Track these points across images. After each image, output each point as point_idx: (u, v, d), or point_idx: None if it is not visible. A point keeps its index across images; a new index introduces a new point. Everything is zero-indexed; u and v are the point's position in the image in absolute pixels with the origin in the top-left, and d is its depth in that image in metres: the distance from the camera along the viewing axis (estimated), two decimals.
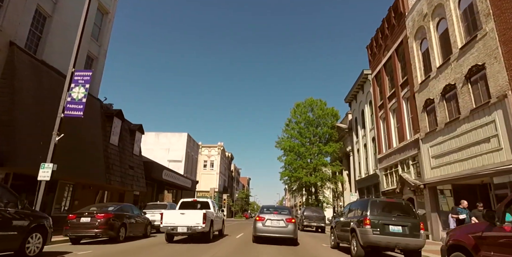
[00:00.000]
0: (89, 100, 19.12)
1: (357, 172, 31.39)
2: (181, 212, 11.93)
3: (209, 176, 68.85)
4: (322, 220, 23.55)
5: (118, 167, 20.23)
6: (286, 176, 36.26)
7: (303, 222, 23.51)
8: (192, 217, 11.48)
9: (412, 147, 18.90)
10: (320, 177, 34.11)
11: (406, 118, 20.46)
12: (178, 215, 11.77)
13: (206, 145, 71.62)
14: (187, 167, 42.93)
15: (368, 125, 27.86)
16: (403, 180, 19.34)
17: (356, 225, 8.77)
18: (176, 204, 32.44)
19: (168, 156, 41.17)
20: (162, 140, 42.10)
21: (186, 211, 11.97)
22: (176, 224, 11.49)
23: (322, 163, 34.35)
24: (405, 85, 20.38)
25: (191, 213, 11.70)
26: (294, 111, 38.89)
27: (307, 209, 24.53)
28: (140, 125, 24.47)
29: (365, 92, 28.45)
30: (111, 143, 20.01)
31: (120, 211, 11.67)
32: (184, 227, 11.34)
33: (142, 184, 23.55)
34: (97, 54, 20.17)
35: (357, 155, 31.66)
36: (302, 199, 69.45)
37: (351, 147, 33.87)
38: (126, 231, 11.67)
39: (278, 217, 11.88)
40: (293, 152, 36.02)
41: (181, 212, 11.93)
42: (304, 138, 36.48)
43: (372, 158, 26.84)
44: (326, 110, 37.33)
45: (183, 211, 12.00)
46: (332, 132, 36.02)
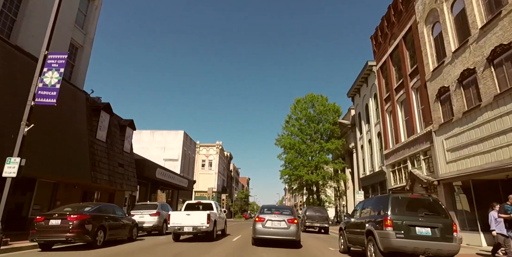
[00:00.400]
0: (74, 93, 17.71)
1: (361, 169, 29.93)
2: (186, 213, 12.70)
3: (208, 175, 67.37)
4: (326, 220, 22.08)
5: (105, 165, 18.73)
6: (287, 175, 34.78)
7: (305, 223, 22.04)
8: (197, 218, 12.29)
9: (423, 141, 17.45)
10: (322, 175, 32.62)
11: (416, 110, 19.00)
12: (184, 215, 12.51)
13: (204, 144, 70.14)
14: (184, 166, 41.43)
15: (372, 120, 26.40)
16: (413, 176, 17.88)
17: (373, 227, 7.31)
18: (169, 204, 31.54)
19: (164, 154, 39.68)
20: (157, 138, 40.60)
21: (192, 212, 12.77)
22: (182, 224, 12.27)
23: (324, 160, 32.85)
24: (414, 75, 18.93)
25: (196, 214, 12.50)
26: (295, 107, 37.42)
27: (310, 209, 23.05)
28: (131, 121, 22.95)
29: (370, 85, 26.99)
30: (98, 139, 18.52)
31: (98, 211, 10.18)
32: (190, 227, 12.18)
33: (134, 183, 22.05)
34: (82, 42, 18.67)
35: (361, 151, 30.20)
36: (303, 199, 67.99)
37: (354, 144, 32.41)
38: (106, 235, 10.17)
39: (279, 218, 11.18)
40: (294, 150, 34.55)
41: (186, 213, 12.70)
42: (305, 135, 35.00)
43: (378, 154, 25.39)
44: (327, 106, 35.87)
45: (188, 212, 12.77)
46: (334, 128, 34.55)
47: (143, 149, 39.43)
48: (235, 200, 79.32)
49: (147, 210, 15.69)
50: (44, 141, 14.09)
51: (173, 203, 36.41)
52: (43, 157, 13.86)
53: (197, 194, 65.10)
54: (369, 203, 8.72)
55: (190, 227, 12.12)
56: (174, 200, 37.08)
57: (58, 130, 15.24)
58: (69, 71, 18.01)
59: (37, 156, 13.46)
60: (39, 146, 13.66)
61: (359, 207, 9.44)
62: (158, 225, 15.45)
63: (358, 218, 8.88)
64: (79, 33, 18.51)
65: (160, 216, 15.75)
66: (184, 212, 12.93)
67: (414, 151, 18.48)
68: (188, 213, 12.60)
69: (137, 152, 31.51)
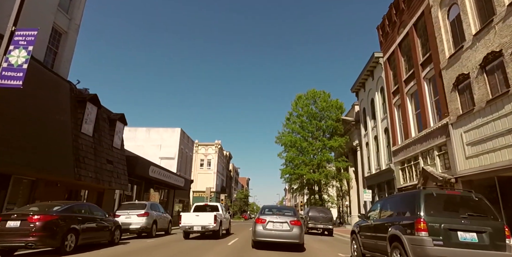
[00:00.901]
0: (56, 82, 16.23)
1: (366, 168, 28.44)
2: (196, 214, 13.97)
3: (206, 175, 65.90)
4: (330, 221, 20.60)
5: (92, 161, 17.24)
6: (287, 173, 33.26)
7: (308, 224, 20.57)
8: (205, 218, 13.68)
9: (438, 135, 15.97)
10: (325, 173, 31.10)
11: (429, 102, 17.53)
12: (194, 216, 13.83)
13: (203, 143, 68.69)
14: (181, 164, 39.94)
15: (379, 115, 24.92)
16: (426, 174, 16.40)
17: (400, 231, 5.83)
18: (165, 204, 29.99)
19: (160, 152, 38.19)
20: (153, 136, 39.11)
21: (200, 213, 14.06)
22: (192, 223, 13.60)
23: (327, 158, 31.33)
24: (427, 64, 17.46)
25: (204, 215, 13.85)
26: (296, 103, 35.95)
27: (313, 209, 21.57)
28: (122, 115, 21.44)
29: (376, 78, 25.52)
30: (83, 132, 17.02)
31: (68, 211, 8.69)
32: (199, 226, 13.56)
33: (124, 181, 20.55)
34: (66, 28, 17.20)
35: (365, 149, 28.72)
36: (303, 199, 66.46)
37: (358, 141, 30.92)
38: (78, 239, 8.68)
39: (281, 219, 10.45)
40: (295, 147, 33.06)
41: (196, 214, 13.97)
42: (307, 132, 33.51)
43: (385, 151, 23.90)
44: (330, 102, 34.41)
45: (197, 213, 14.08)
46: (337, 125, 33.06)
47: (138, 147, 37.96)
48: (234, 200, 77.86)
49: (134, 210, 14.21)
50: (21, 133, 12.62)
51: (169, 203, 34.94)
52: (18, 150, 12.39)
53: (195, 194, 63.63)
54: (391, 202, 7.22)
55: (199, 226, 13.57)
56: (170, 200, 35.58)
57: (37, 121, 13.76)
58: (52, 58, 16.54)
59: (11, 149, 12.00)
60: (13, 138, 12.20)
61: (376, 207, 7.95)
62: (146, 227, 13.96)
63: (376, 219, 7.40)
64: (63, 17, 17.03)
65: (149, 216, 14.27)
66: (194, 213, 14.23)
67: (427, 146, 17.00)
68: (197, 214, 13.93)
69: (132, 150, 30.09)
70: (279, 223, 10.33)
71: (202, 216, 13.76)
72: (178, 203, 40.66)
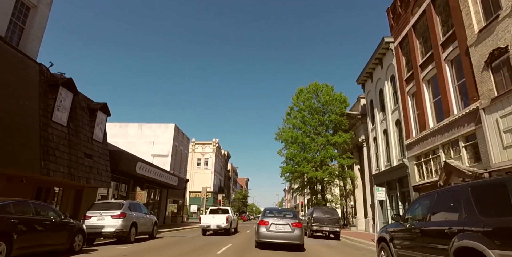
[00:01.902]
0: (21, 61, 13.86)
1: (373, 165, 26.24)
2: (212, 216, 17.86)
3: (203, 175, 63.67)
4: (337, 223, 18.41)
5: (65, 154, 15.00)
6: (288, 172, 31.01)
7: (312, 226, 18.38)
8: (219, 219, 17.51)
9: (464, 123, 13.78)
10: (328, 171, 28.86)
11: (451, 87, 15.34)
12: (210, 217, 17.69)
13: (200, 141, 66.49)
14: (175, 163, 37.70)
15: (389, 106, 22.73)
16: (450, 168, 14.20)
17: (482, 242, 3.62)
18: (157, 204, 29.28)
19: (153, 150, 35.97)
20: (145, 132, 36.89)
21: (215, 215, 17.95)
22: (209, 223, 17.43)
23: (331, 155, 29.07)
24: (449, 43, 15.28)
25: (218, 216, 17.71)
26: (297, 97, 33.74)
27: (317, 210, 19.36)
28: (104, 104, 19.17)
29: (385, 66, 23.33)
30: (55, 121, 14.78)
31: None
32: (214, 225, 17.38)
33: (106, 178, 18.31)
34: (36, 1, 14.98)
35: (373, 144, 26.52)
36: (304, 199, 64.19)
37: (364, 136, 28.73)
38: (12, 247, 6.46)
39: (283, 221, 11.07)
40: (296, 144, 30.85)
41: (212, 216, 17.86)
42: (309, 127, 31.31)
43: (396, 146, 21.70)
44: (333, 96, 32.21)
45: (213, 215, 17.97)
46: (342, 120, 30.85)
47: (129, 144, 35.75)
48: (232, 201, 75.55)
49: (108, 211, 11.98)
50: None
51: (161, 203, 32.73)
52: None
53: (192, 195, 61.41)
54: (445, 199, 4.97)
55: (215, 225, 17.40)
56: (163, 200, 33.36)
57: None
58: (17, 35, 14.33)
59: None
60: None
61: (416, 207, 5.73)
62: (122, 230, 11.72)
63: (421, 224, 5.18)
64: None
65: (127, 218, 12.04)
66: (210, 215, 18.17)
67: (450, 137, 14.80)
68: (213, 216, 17.86)
69: (123, 147, 27.97)
70: (282, 225, 10.94)
71: (217, 217, 17.83)
72: (172, 204, 38.44)
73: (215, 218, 17.68)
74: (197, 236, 17.65)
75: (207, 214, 18.75)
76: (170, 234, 19.13)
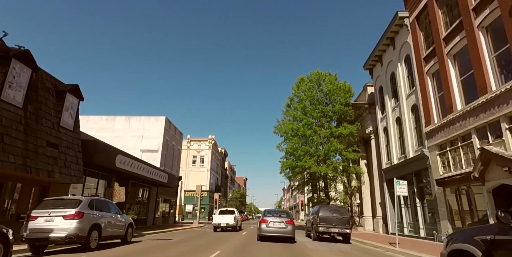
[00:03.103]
0: None
1: (383, 158, 23.61)
2: (222, 216, 22.31)
3: (199, 173, 60.97)
4: (347, 224, 15.74)
5: (19, 141, 12.27)
6: (288, 167, 28.33)
7: (317, 228, 15.70)
8: (228, 218, 22.01)
9: (507, 100, 11.15)
10: (333, 166, 26.18)
11: (488, 58, 12.70)
12: (221, 217, 22.16)
13: (195, 138, 63.78)
14: (166, 159, 35.00)
15: (402, 91, 20.11)
16: (489, 155, 11.58)
17: None
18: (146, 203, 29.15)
19: (142, 144, 33.26)
20: (134, 126, 34.15)
21: (224, 215, 22.38)
22: (220, 221, 21.91)
23: (336, 148, 26.38)
24: (484, 5, 12.63)
25: (227, 216, 22.21)
26: (297, 87, 31.08)
27: (323, 208, 16.68)
28: (75, 86, 16.29)
29: (398, 46, 20.69)
30: (5, 101, 12.03)
31: None
32: (224, 223, 21.82)
33: (77, 172, 15.58)
34: None
35: (383, 136, 23.89)
36: (305, 198, 61.54)
37: (372, 128, 26.12)
38: None
39: (279, 220, 14.36)
40: (297, 136, 28.19)
41: (222, 216, 22.31)
42: (311, 119, 28.65)
43: (413, 135, 19.06)
44: (337, 85, 29.56)
45: (223, 215, 22.38)
46: (347, 110, 28.21)
47: (116, 138, 33.05)
48: (229, 200, 72.84)
49: (60, 210, 9.25)
50: None
51: (150, 202, 30.02)
52: None
53: (187, 194, 58.70)
54: None
55: (224, 223, 21.61)
56: (153, 199, 30.65)
57: None
58: None
59: None
60: None
61: None
62: (77, 235, 8.96)
63: None
64: None
65: (85, 219, 9.31)
66: (220, 215, 22.21)
67: (488, 118, 12.17)
68: (222, 216, 22.06)
69: (110, 141, 25.32)
70: (278, 222, 14.20)
71: (226, 216, 21.82)
72: (162, 202, 35.74)
73: (225, 217, 22.02)
74: (185, 239, 15.02)
75: (217, 214, 22.70)
76: (153, 237, 16.46)
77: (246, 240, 15.22)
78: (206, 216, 57.56)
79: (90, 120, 34.34)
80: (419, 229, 17.92)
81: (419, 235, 17.83)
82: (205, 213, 58.05)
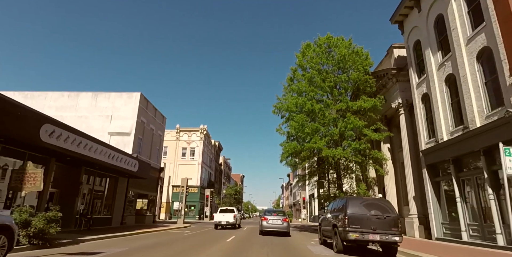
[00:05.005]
0: None
1: (422, 136, 17.51)
2: (222, 214, 23.97)
3: (189, 167, 54.66)
4: (395, 228, 9.61)
5: None
6: (291, 152, 22.08)
7: (346, 233, 9.57)
8: (228, 217, 23.59)
9: None
10: (353, 148, 19.88)
11: None
12: (221, 215, 23.77)
13: (185, 128, 57.44)
14: (142, 145, 28.77)
15: (460, 34, 13.97)
16: None
17: None
18: (112, 197, 23.50)
19: (110, 126, 27.00)
20: (102, 103, 27.85)
21: (224, 213, 24.05)
22: (220, 219, 23.48)
23: (354, 126, 20.08)
24: None
25: (227, 214, 23.86)
26: (302, 55, 24.86)
27: (354, 202, 10.42)
28: None
29: None
30: None
31: None
32: (224, 221, 23.34)
33: None
34: None
35: (421, 106, 17.78)
36: (306, 194, 55.36)
37: (401, 100, 20.05)
38: None
39: (277, 218, 18.02)
40: (304, 112, 22.01)
41: (222, 214, 23.97)
42: (320, 90, 22.50)
43: (482, 94, 12.88)
44: (353, 49, 23.49)
45: (223, 213, 24.03)
46: (367, 79, 22.08)
47: (80, 119, 26.80)
48: (223, 197, 66.54)
49: None
50: None
51: (116, 197, 23.77)
52: None
53: (175, 190, 52.25)
54: None
55: (224, 221, 23.30)
56: (120, 192, 24.45)
57: None
58: None
59: None
60: None
61: None
62: None
63: None
64: None
65: None
66: (220, 213, 24.14)
67: None
68: (223, 214, 23.93)
69: (71, 122, 19.23)
70: (276, 220, 17.97)
71: (226, 215, 23.91)
72: (141, 199, 29.54)
73: (225, 216, 23.58)
74: (131, 251, 8.91)
75: (218, 213, 24.27)
76: (87, 246, 10.37)
77: None
78: (197, 214, 51.35)
79: (48, 98, 28.06)
80: (495, 234, 11.82)
81: (494, 243, 11.76)
82: (195, 211, 51.83)
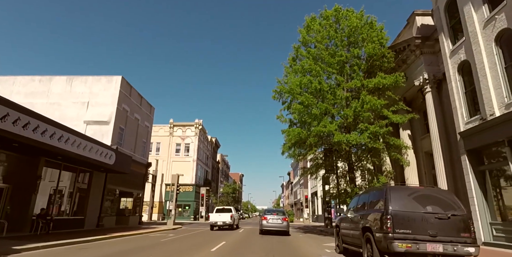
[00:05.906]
0: None
1: (461, 115, 14.09)
2: (218, 214, 22.43)
3: (183, 164, 51.09)
4: (466, 233, 6.19)
5: None
6: (295, 140, 18.62)
7: (390, 242, 6.12)
8: (225, 217, 22.06)
9: None
10: (371, 131, 16.39)
11: None
12: (217, 215, 22.19)
13: (179, 123, 53.91)
14: (124, 136, 25.30)
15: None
16: None
17: None
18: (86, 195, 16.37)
19: (87, 114, 23.54)
20: (77, 89, 24.38)
21: (221, 213, 22.56)
22: (216, 220, 21.87)
23: (371, 107, 16.61)
24: None
25: (224, 214, 22.35)
26: (306, 30, 21.37)
27: (400, 193, 6.89)
28: None
29: None
30: None
31: None
32: (220, 222, 21.84)
33: None
34: None
35: (457, 79, 14.36)
36: (309, 192, 52.00)
37: (427, 75, 16.66)
38: None
39: (276, 217, 18.42)
40: (309, 92, 18.56)
41: (218, 214, 22.43)
42: (329, 66, 19.05)
43: None
44: (365, 20, 20.08)
45: (219, 213, 22.55)
46: (384, 53, 18.66)
47: (52, 106, 23.37)
48: (220, 195, 63.01)
49: None
50: None
51: (92, 194, 20.29)
52: None
53: (168, 189, 48.79)
54: None
55: (221, 222, 21.81)
56: (96, 189, 21.01)
57: None
58: None
59: None
60: None
61: None
62: None
63: None
64: None
65: None
66: (217, 213, 22.61)
67: None
68: (219, 214, 22.37)
69: (44, 110, 15.95)
70: (276, 219, 18.33)
71: (222, 215, 22.25)
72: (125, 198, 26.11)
73: (221, 216, 22.25)
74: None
75: (214, 213, 22.98)
76: None
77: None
78: (191, 214, 47.88)
79: (17, 82, 24.60)
80: None
81: None
82: (190, 211, 48.36)
